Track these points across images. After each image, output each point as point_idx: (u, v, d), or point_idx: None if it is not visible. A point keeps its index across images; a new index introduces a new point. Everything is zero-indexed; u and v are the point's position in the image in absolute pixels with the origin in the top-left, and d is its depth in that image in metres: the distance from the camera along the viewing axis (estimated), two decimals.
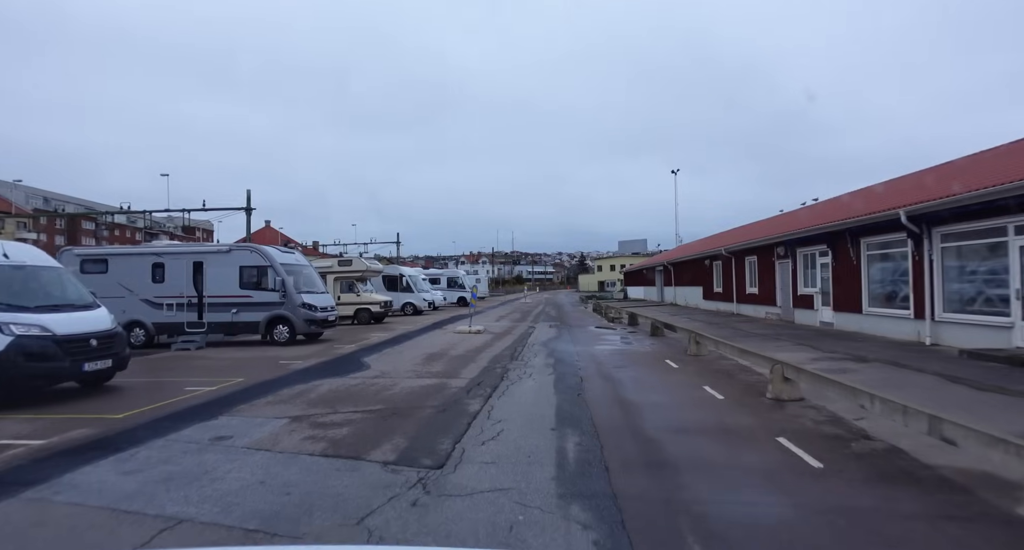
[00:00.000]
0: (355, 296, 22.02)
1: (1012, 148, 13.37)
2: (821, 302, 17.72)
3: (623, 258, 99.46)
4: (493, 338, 16.34)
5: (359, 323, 21.93)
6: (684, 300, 35.20)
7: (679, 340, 15.04)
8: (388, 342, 15.33)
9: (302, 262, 16.00)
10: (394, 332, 18.45)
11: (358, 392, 8.27)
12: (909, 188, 15.62)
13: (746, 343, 12.19)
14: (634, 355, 12.68)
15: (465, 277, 41.79)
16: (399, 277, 28.61)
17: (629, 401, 7.73)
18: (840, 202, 19.89)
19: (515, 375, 9.70)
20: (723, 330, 17.35)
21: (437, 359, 11.83)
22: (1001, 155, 13.23)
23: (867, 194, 18.07)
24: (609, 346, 14.48)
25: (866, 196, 17.65)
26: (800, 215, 22.55)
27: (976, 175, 12.03)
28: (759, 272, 22.78)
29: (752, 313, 23.27)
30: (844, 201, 19.54)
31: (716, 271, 28.62)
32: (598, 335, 17.59)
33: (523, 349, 13.53)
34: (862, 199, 17.45)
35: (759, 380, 9.11)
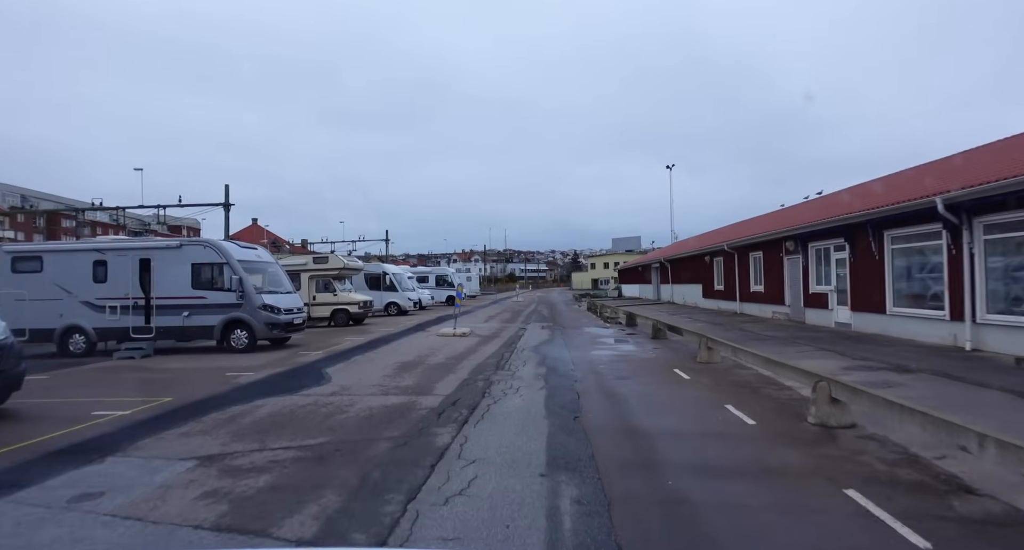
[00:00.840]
0: (331, 296, 20.39)
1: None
2: (836, 301, 16.30)
3: (617, 256, 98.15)
4: (479, 342, 14.79)
5: (336, 325, 20.32)
6: (682, 298, 33.80)
7: (685, 344, 13.57)
8: (361, 347, 13.75)
9: (266, 259, 14.37)
10: (371, 335, 16.85)
11: (303, 416, 6.70)
12: (932, 176, 14.23)
13: (763, 348, 10.73)
14: (637, 363, 11.18)
15: (454, 275, 40.17)
16: (382, 275, 26.97)
17: (638, 428, 6.22)
18: (856, 193, 18.47)
19: (499, 390, 8.16)
20: (730, 332, 15.91)
21: (411, 369, 10.27)
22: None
23: (887, 183, 16.67)
24: (607, 351, 12.97)
25: (887, 185, 16.25)
26: (808, 208, 21.13)
27: (1018, 160, 10.63)
28: (765, 269, 21.35)
29: (757, 312, 21.85)
30: (860, 192, 18.12)
31: (717, 268, 27.19)
32: (594, 338, 16.09)
33: (511, 356, 11.99)
34: (882, 189, 16.05)
35: (790, 397, 7.62)
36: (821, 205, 19.67)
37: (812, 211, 18.93)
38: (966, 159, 14.53)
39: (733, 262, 24.26)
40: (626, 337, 16.12)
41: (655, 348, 13.31)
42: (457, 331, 16.48)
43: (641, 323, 19.23)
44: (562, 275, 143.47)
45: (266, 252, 14.78)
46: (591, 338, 15.95)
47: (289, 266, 20.43)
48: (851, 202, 16.30)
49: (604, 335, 16.88)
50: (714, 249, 26.53)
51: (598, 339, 15.68)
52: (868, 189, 17.48)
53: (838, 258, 16.18)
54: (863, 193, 16.94)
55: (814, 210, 18.99)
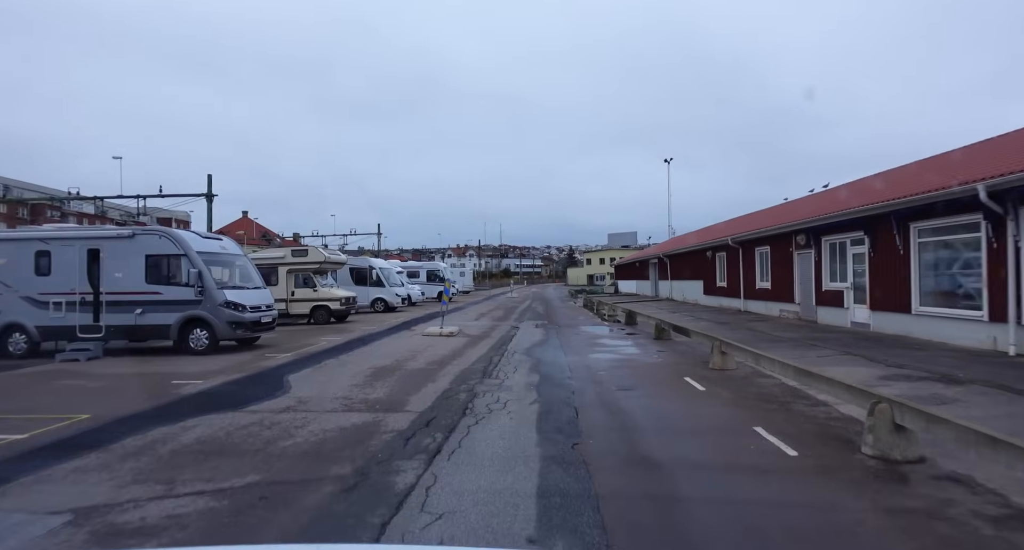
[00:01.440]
0: (311, 292, 19.06)
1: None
2: (853, 299, 15.13)
3: (612, 251, 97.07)
4: (467, 343, 13.54)
5: (316, 323, 19.01)
6: (682, 295, 32.64)
7: (692, 346, 12.37)
8: (336, 349, 12.46)
9: (232, 251, 13.02)
10: (350, 335, 15.57)
11: (238, 443, 5.43)
12: (959, 163, 13.06)
13: (781, 352, 9.53)
14: (642, 369, 9.95)
15: (447, 270, 38.85)
16: (368, 270, 25.63)
17: (653, 460, 4.99)
18: (869, 185, 17.29)
19: (484, 406, 6.92)
20: (739, 332, 14.72)
21: (385, 377, 9.00)
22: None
23: (903, 175, 15.50)
24: (608, 354, 11.75)
25: (905, 177, 15.07)
26: (821, 199, 19.93)
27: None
28: (772, 265, 20.17)
29: (764, 311, 20.68)
30: (882, 181, 16.92)
31: (720, 264, 26.02)
32: (593, 338, 14.86)
33: (501, 360, 10.75)
34: (906, 178, 14.86)
35: (829, 415, 6.42)
36: (834, 197, 18.47)
37: (825, 203, 17.72)
38: (992, 148, 13.36)
39: (737, 257, 23.07)
40: (626, 338, 14.91)
41: (660, 351, 12.09)
42: (444, 330, 15.22)
43: (642, 322, 18.04)
44: (557, 271, 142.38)
45: (233, 243, 13.44)
46: (589, 339, 14.73)
47: (264, 259, 19.12)
48: (871, 192, 15.09)
49: (603, 335, 15.66)
50: (716, 244, 25.34)
51: (596, 340, 14.46)
52: (888, 179, 16.29)
53: (855, 253, 15.00)
54: (889, 181, 15.73)
55: (827, 202, 17.78)
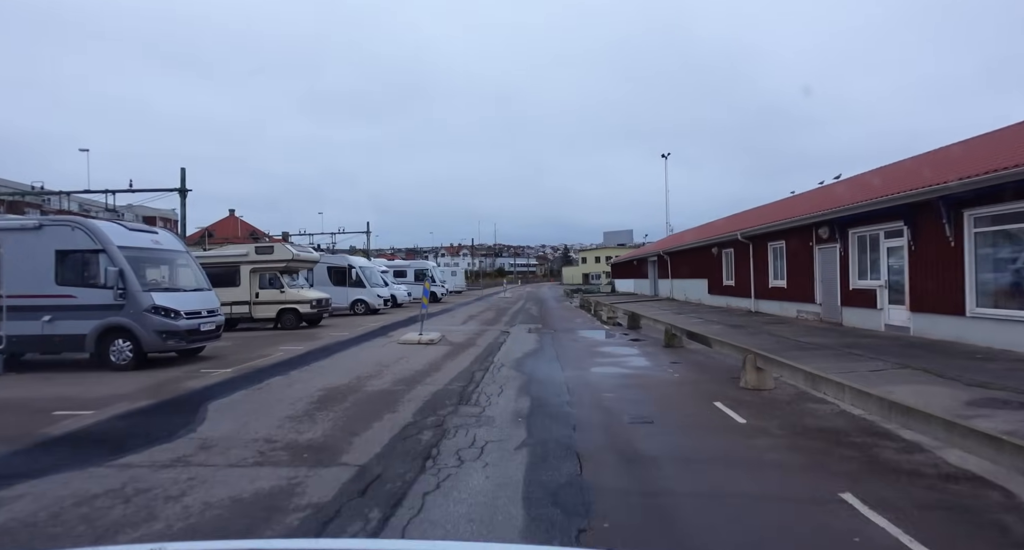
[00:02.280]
0: (278, 293, 17.09)
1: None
2: (888, 299, 13.32)
3: (608, 249, 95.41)
4: (447, 353, 11.63)
5: (284, 328, 17.05)
6: (683, 294, 30.84)
7: (710, 356, 10.52)
8: (290, 362, 10.52)
9: (169, 246, 11.02)
10: (316, 342, 13.62)
11: (59, 534, 3.50)
12: (1010, 143, 11.29)
13: (818, 364, 7.74)
14: (658, 389, 8.06)
15: (435, 269, 36.87)
16: (347, 269, 23.63)
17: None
18: (914, 167, 15.50)
19: (453, 453, 5.02)
20: (758, 338, 12.89)
21: (334, 404, 7.08)
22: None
23: (954, 156, 13.71)
24: (613, 368, 9.87)
25: (956, 157, 13.28)
26: (844, 189, 18.12)
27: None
28: (789, 261, 18.36)
29: (778, 311, 18.88)
30: (922, 164, 15.13)
31: (727, 261, 24.22)
32: (593, 346, 12.99)
33: (485, 377, 8.85)
34: (950, 161, 13.06)
35: (938, 471, 4.54)
36: (864, 184, 16.67)
37: (854, 191, 15.89)
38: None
39: (747, 254, 21.26)
40: (632, 345, 13.04)
41: (674, 363, 10.22)
42: (423, 337, 13.31)
43: (647, 326, 16.19)
44: (552, 270, 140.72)
45: (171, 237, 11.45)
46: (589, 347, 12.84)
47: (224, 258, 17.15)
48: (911, 178, 13.27)
49: (604, 342, 13.79)
50: (723, 239, 23.52)
51: (598, 348, 12.58)
52: (932, 160, 14.49)
53: (891, 246, 13.19)
54: (932, 164, 13.91)
55: (856, 190, 15.96)
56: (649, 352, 11.65)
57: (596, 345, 13.09)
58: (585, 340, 14.18)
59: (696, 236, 30.37)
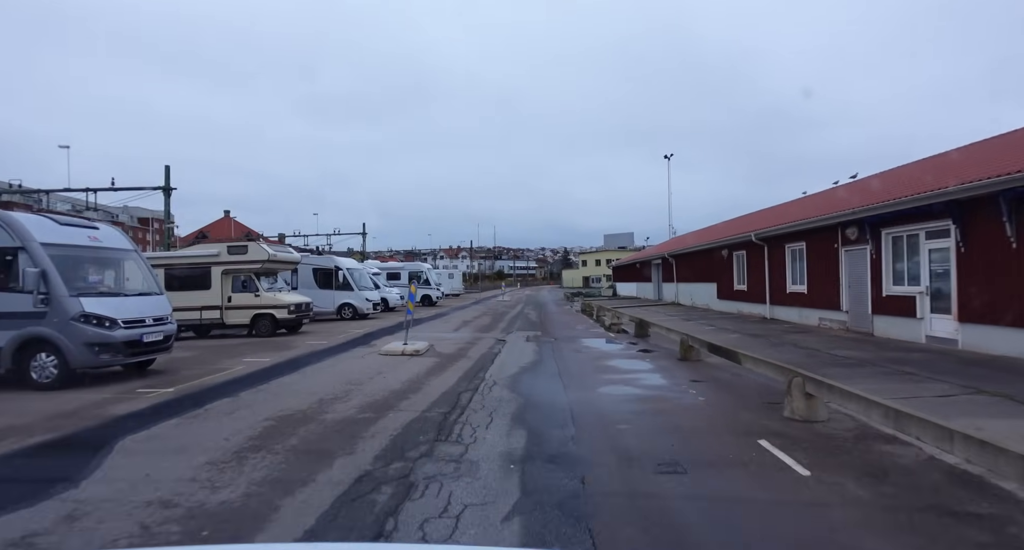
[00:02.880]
0: (252, 297, 15.62)
1: None
2: (930, 307, 11.87)
3: (609, 252, 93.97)
4: (432, 368, 10.17)
5: (258, 335, 15.59)
6: (690, 299, 29.38)
7: (739, 374, 9.07)
8: (247, 379, 9.05)
9: (111, 244, 9.53)
10: (287, 353, 12.15)
11: None
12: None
13: (868, 385, 6.28)
14: (684, 420, 6.59)
15: (431, 271, 35.39)
16: (334, 271, 22.15)
17: None
18: (938, 165, 14.10)
19: (415, 528, 3.57)
20: (783, 350, 11.44)
21: (277, 440, 5.61)
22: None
23: (997, 146, 12.28)
24: (625, 388, 8.40)
25: (994, 150, 11.85)
26: (876, 185, 16.67)
27: None
28: (810, 264, 16.91)
29: (797, 319, 17.42)
30: (946, 162, 13.73)
31: (738, 263, 22.77)
32: (599, 359, 11.53)
33: (472, 401, 7.39)
34: (990, 154, 11.64)
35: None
36: (903, 179, 15.25)
37: (890, 186, 14.44)
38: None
39: (762, 256, 19.82)
40: (643, 357, 11.58)
41: (695, 381, 8.75)
42: (408, 348, 11.86)
43: (656, 335, 14.72)
44: (552, 272, 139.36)
45: (115, 233, 9.95)
46: (594, 359, 11.38)
47: (190, 259, 15.71)
48: (959, 169, 11.83)
49: (611, 353, 12.33)
50: (735, 241, 22.07)
51: (604, 361, 11.11)
52: (974, 153, 13.06)
53: (935, 248, 11.75)
54: (973, 158, 12.49)
55: (893, 185, 14.53)
56: (663, 367, 10.19)
57: (602, 357, 11.63)
58: (589, 351, 12.72)
59: (704, 238, 28.94)
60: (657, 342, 13.97)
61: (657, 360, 11.03)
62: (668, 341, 13.35)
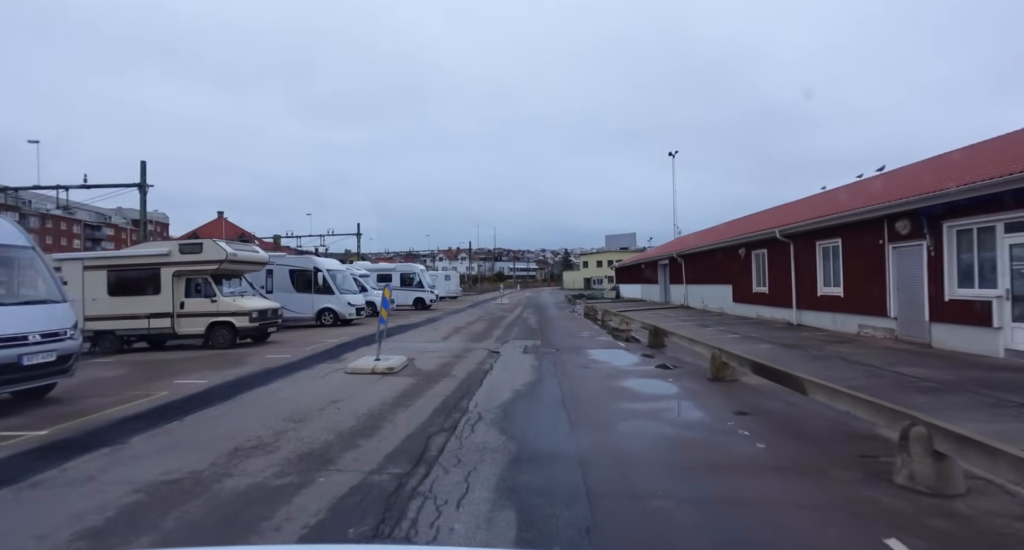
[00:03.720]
0: (208, 303, 13.57)
1: None
2: (1011, 314, 9.84)
3: (610, 253, 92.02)
4: (404, 393, 8.13)
5: (216, 346, 13.53)
6: (701, 302, 27.35)
7: (796, 403, 6.99)
8: (155, 414, 7.00)
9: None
10: (233, 372, 10.10)
11: None
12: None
13: (991, 427, 4.24)
14: (746, 485, 4.55)
15: (424, 273, 33.29)
16: (313, 272, 20.09)
17: None
18: (999, 148, 12.07)
19: None
20: (829, 365, 9.43)
21: (118, 536, 3.58)
22: None
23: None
24: (651, 425, 6.36)
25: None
26: (918, 174, 14.61)
27: None
28: (847, 263, 14.88)
29: (830, 325, 15.40)
30: (1006, 145, 11.69)
31: (757, 264, 20.74)
32: (611, 378, 9.48)
33: (446, 450, 5.35)
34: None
35: None
36: (951, 167, 13.21)
37: (950, 173, 12.39)
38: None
39: (787, 255, 17.79)
40: (663, 374, 9.54)
41: (743, 415, 6.69)
42: (381, 365, 9.82)
43: (676, 345, 12.65)
44: (552, 274, 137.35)
45: (8, 225, 7.93)
46: (606, 378, 9.32)
47: (135, 258, 13.66)
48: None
49: (626, 370, 10.28)
50: (754, 239, 20.05)
51: (618, 381, 9.05)
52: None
53: (1016, 243, 9.73)
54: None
55: (947, 173, 12.49)
56: (693, 391, 8.13)
57: (614, 375, 9.58)
58: (598, 366, 10.67)
59: (718, 236, 26.90)
60: (676, 354, 11.93)
61: (682, 380, 8.98)
62: (690, 353, 11.32)
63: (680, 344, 12.03)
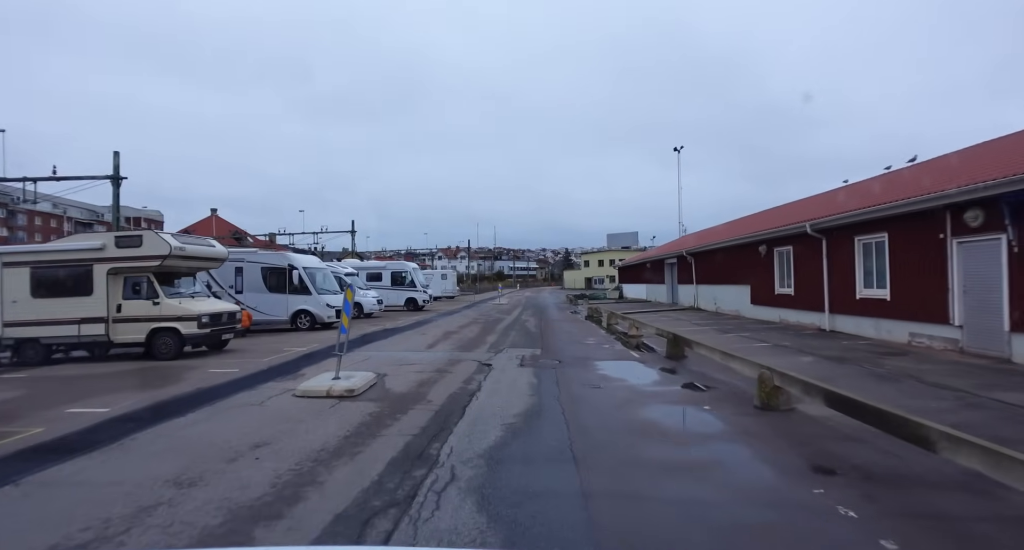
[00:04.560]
0: (150, 305, 11.57)
1: None
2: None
3: (612, 253, 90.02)
4: (352, 433, 6.12)
5: (157, 357, 11.53)
6: (713, 303, 25.35)
7: (890, 450, 4.96)
8: (5, 464, 5.02)
9: None
10: (154, 395, 8.09)
11: None
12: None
13: None
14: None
15: (416, 271, 31.21)
16: (287, 270, 18.07)
17: None
18: None
19: None
20: (908, 392, 7.44)
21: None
22: None
23: None
24: (699, 492, 4.37)
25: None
26: (975, 156, 12.56)
27: None
28: (894, 261, 12.88)
29: (873, 333, 13.41)
30: None
31: (781, 262, 18.74)
32: (631, 406, 7.47)
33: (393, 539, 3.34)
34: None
35: None
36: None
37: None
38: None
39: (818, 252, 15.78)
40: (695, 400, 7.53)
41: (830, 475, 4.69)
42: (338, 386, 7.82)
43: (698, 355, 10.62)
44: (553, 274, 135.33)
45: None
46: (624, 407, 7.31)
47: (62, 253, 11.63)
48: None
49: (646, 393, 8.27)
50: (778, 234, 18.04)
51: (640, 412, 7.04)
52: None
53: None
54: None
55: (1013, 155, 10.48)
56: (744, 429, 6.13)
57: (633, 401, 7.59)
58: (611, 386, 8.68)
59: (733, 232, 24.90)
60: (702, 368, 9.95)
61: (722, 408, 6.99)
62: (718, 367, 9.35)
63: (704, 355, 10.04)
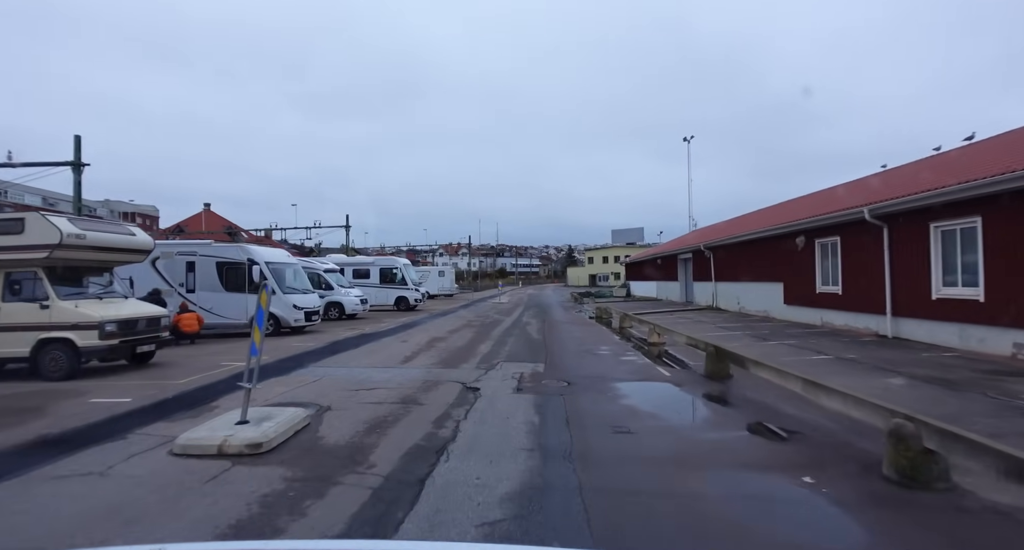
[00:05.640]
0: (37, 309, 8.96)
1: None
2: None
3: (617, 249, 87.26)
4: (231, 535, 3.48)
5: (46, 376, 8.92)
6: (736, 303, 22.68)
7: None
8: None
9: None
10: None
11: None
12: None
13: None
14: None
15: (408, 268, 28.54)
16: (247, 266, 15.44)
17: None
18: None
19: None
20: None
21: None
22: None
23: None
24: None
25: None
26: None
27: None
28: (989, 253, 10.19)
29: (954, 342, 10.76)
30: None
31: (824, 256, 16.08)
32: (681, 468, 4.84)
33: None
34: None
35: None
36: None
37: None
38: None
39: (878, 244, 13.09)
40: (783, 461, 4.89)
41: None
42: (239, 437, 5.19)
43: (745, 373, 7.92)
44: (556, 270, 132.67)
45: None
46: (676, 473, 4.66)
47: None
48: None
49: (698, 439, 5.63)
50: (822, 223, 15.35)
51: (703, 480, 4.40)
52: None
53: None
54: None
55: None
56: (898, 538, 3.48)
57: (687, 462, 4.98)
58: (647, 430, 6.03)
59: (761, 222, 22.20)
60: (762, 395, 7.32)
61: (834, 482, 4.36)
62: (783, 393, 6.73)
63: (759, 375, 7.38)
